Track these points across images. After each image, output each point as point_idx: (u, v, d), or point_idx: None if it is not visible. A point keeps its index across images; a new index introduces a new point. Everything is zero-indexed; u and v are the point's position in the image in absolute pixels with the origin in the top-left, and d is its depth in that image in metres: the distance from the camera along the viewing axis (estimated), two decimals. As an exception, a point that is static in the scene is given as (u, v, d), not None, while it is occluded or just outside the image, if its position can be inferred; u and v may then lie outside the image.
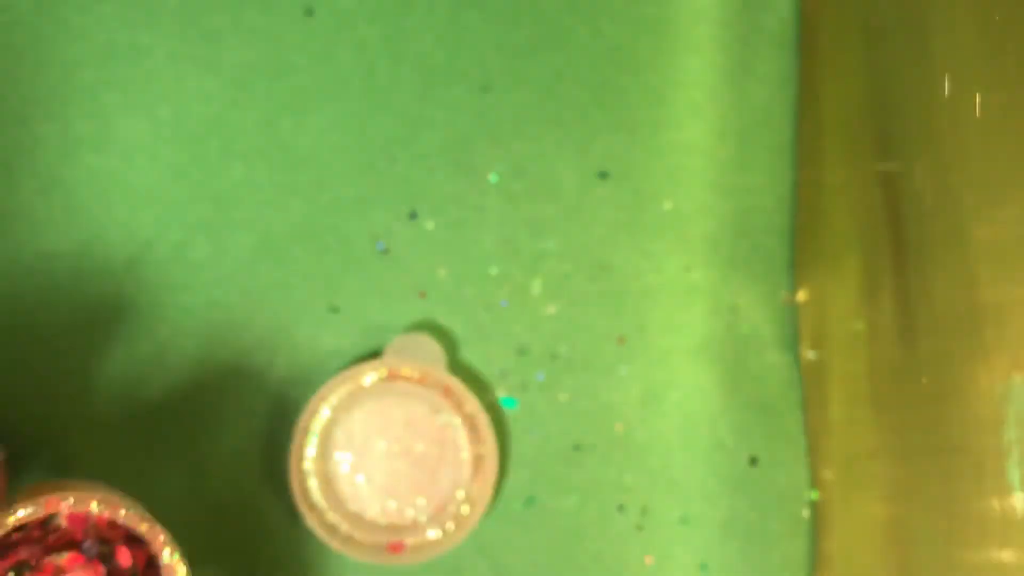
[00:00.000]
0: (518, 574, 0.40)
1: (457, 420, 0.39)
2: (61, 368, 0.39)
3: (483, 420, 0.39)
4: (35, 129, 0.39)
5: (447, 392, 0.39)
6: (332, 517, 0.39)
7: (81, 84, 0.40)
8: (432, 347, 0.40)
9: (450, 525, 0.39)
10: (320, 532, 0.38)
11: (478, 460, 0.39)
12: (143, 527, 0.32)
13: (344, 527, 0.39)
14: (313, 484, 0.39)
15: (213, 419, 0.40)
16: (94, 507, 0.31)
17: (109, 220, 0.39)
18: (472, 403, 0.39)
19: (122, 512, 0.32)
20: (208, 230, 0.40)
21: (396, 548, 0.39)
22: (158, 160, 0.40)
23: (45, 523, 0.32)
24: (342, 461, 0.39)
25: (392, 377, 0.39)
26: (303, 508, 0.38)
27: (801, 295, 0.43)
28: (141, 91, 0.40)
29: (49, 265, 0.39)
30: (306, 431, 0.39)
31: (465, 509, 0.39)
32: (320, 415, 0.39)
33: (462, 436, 0.39)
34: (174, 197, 0.40)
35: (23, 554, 0.31)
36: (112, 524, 0.32)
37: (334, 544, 0.38)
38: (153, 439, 0.39)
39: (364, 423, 0.39)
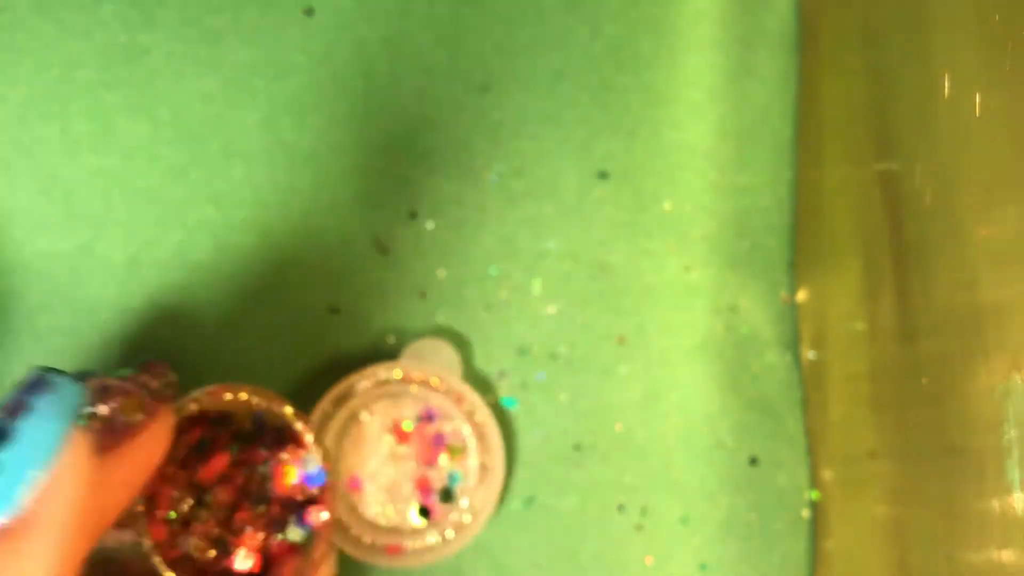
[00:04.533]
0: (518, 574, 0.40)
1: (467, 428, 0.39)
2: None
3: (493, 431, 0.39)
4: (35, 129, 0.39)
5: (459, 400, 0.39)
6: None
7: (81, 84, 0.40)
8: (449, 353, 0.39)
9: (450, 532, 0.39)
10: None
11: (484, 470, 0.39)
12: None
13: (343, 523, 0.39)
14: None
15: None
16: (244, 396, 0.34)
17: (109, 220, 0.39)
18: (483, 412, 0.39)
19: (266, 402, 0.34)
20: (208, 230, 0.40)
21: (394, 551, 0.39)
22: (158, 160, 0.40)
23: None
24: (342, 461, 0.39)
25: (406, 380, 0.39)
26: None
27: (801, 295, 0.43)
28: (141, 91, 0.40)
29: (49, 265, 0.39)
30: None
31: (467, 518, 0.39)
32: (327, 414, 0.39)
33: (471, 444, 0.39)
34: (174, 197, 0.40)
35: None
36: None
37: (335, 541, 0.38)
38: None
39: (373, 424, 0.39)
